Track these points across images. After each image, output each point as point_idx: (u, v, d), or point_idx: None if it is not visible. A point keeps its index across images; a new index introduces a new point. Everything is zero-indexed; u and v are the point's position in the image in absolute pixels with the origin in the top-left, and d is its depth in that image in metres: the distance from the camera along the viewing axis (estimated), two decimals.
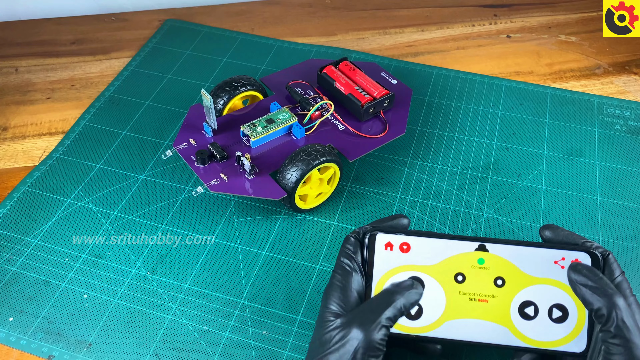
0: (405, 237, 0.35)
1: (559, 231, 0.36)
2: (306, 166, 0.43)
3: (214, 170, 0.45)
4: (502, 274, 0.35)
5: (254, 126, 0.46)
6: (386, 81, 0.53)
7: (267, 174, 0.45)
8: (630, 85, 0.60)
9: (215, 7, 0.72)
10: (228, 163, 0.45)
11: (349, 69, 0.52)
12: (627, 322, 0.29)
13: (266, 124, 0.47)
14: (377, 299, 0.32)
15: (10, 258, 0.45)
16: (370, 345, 0.31)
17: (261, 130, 0.46)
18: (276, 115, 0.47)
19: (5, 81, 0.62)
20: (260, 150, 0.46)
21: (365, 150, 0.47)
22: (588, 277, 0.31)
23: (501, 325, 0.34)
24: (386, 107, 0.50)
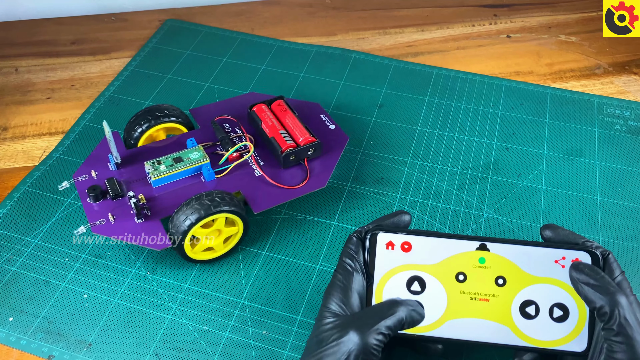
0: (406, 237, 0.35)
1: (559, 231, 0.36)
2: (205, 211, 0.39)
3: (105, 209, 0.42)
4: (503, 273, 0.35)
5: (158, 164, 0.43)
6: (323, 125, 0.49)
7: (158, 219, 0.41)
8: (630, 85, 0.60)
9: (215, 7, 0.72)
10: (122, 202, 0.42)
11: (281, 109, 0.49)
12: (629, 320, 0.29)
13: (172, 162, 0.43)
14: (381, 306, 0.33)
15: (10, 258, 0.45)
16: (365, 349, 0.31)
17: (164, 169, 0.43)
18: (186, 153, 0.44)
19: (5, 81, 0.62)
20: (163, 191, 0.43)
21: (275, 202, 0.43)
22: (590, 276, 0.31)
23: (502, 324, 0.34)
24: (311, 156, 0.46)
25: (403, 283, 0.35)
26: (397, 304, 0.32)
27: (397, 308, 0.32)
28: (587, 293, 0.31)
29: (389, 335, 0.31)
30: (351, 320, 0.32)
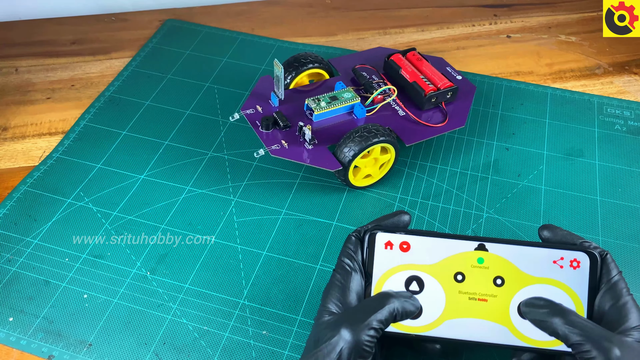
0: (405, 236, 0.35)
1: (557, 231, 0.36)
2: (365, 142, 0.45)
3: (275, 137, 0.47)
4: (501, 273, 0.35)
5: (318, 100, 0.48)
6: (451, 75, 0.54)
7: (326, 146, 0.46)
8: (630, 85, 0.60)
9: (215, 7, 0.72)
10: (290, 132, 0.47)
11: (416, 59, 0.53)
12: (582, 327, 0.30)
13: (330, 100, 0.48)
14: (371, 301, 0.32)
15: (10, 258, 0.45)
16: (357, 346, 0.30)
17: (325, 105, 0.48)
18: (340, 93, 0.49)
19: (5, 81, 0.62)
20: (321, 125, 0.48)
21: (423, 137, 0.48)
22: (535, 306, 0.32)
23: (500, 324, 0.34)
24: (448, 99, 0.51)
25: (401, 283, 0.35)
26: (387, 296, 0.32)
27: (388, 301, 0.32)
28: (542, 326, 0.32)
29: (381, 330, 0.31)
30: (342, 318, 0.32)
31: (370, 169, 0.48)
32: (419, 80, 0.50)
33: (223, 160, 0.52)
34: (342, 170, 0.46)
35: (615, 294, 0.32)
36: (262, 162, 0.52)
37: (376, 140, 0.45)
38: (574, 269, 0.34)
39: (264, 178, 0.51)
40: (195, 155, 0.53)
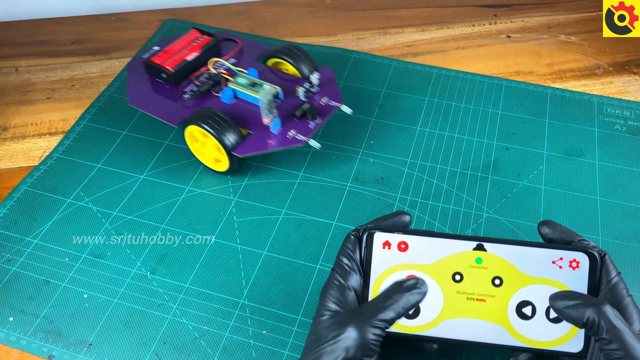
0: (403, 236, 0.35)
1: (556, 227, 0.36)
2: (192, 120, 0.47)
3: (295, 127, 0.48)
4: (500, 273, 0.35)
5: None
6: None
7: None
8: (630, 85, 0.60)
9: (215, 7, 0.72)
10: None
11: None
12: (617, 325, 0.30)
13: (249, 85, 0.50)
14: (377, 300, 0.33)
15: (10, 258, 0.45)
16: (364, 345, 0.31)
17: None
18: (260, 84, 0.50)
19: (5, 81, 0.62)
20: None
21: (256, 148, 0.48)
22: (568, 298, 0.31)
23: (498, 324, 0.34)
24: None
25: None
26: (392, 293, 0.32)
27: (394, 299, 0.32)
28: (571, 314, 0.31)
29: (387, 327, 0.32)
30: (349, 316, 0.32)
31: (209, 150, 0.49)
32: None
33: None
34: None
35: (616, 296, 0.32)
36: (262, 162, 0.52)
37: (198, 122, 0.46)
38: (573, 269, 0.34)
39: (264, 178, 0.51)
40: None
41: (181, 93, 0.51)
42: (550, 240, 0.36)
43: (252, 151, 0.46)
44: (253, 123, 0.48)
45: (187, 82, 0.52)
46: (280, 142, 0.47)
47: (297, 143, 0.47)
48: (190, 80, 0.52)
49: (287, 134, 0.48)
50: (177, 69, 0.51)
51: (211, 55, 0.54)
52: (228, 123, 0.46)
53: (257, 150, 0.47)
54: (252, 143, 0.47)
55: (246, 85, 0.49)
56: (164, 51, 0.53)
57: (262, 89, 0.49)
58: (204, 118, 0.46)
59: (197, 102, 0.50)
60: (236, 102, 0.50)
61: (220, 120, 0.46)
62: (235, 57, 0.55)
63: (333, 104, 0.50)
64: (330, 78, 0.52)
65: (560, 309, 0.32)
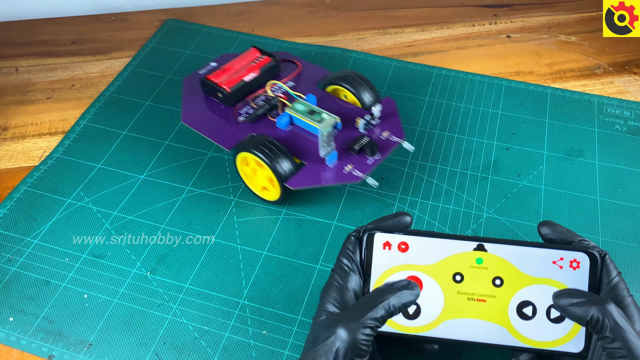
0: (403, 237, 0.35)
1: (556, 227, 0.36)
2: (245, 147, 0.45)
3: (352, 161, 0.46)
4: (500, 273, 0.35)
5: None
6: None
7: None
8: (630, 85, 0.60)
9: (215, 7, 0.72)
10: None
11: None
12: (620, 324, 0.30)
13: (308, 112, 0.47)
14: (366, 299, 0.32)
15: (10, 258, 0.45)
16: (354, 345, 0.30)
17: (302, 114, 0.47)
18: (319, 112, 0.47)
19: (5, 81, 0.62)
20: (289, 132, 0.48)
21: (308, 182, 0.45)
22: (572, 295, 0.31)
23: (499, 325, 0.34)
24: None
25: None
26: (382, 293, 0.32)
27: (382, 298, 0.31)
28: (575, 312, 0.31)
29: (377, 327, 0.31)
30: (338, 317, 0.32)
31: (258, 179, 0.47)
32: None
33: (223, 160, 0.52)
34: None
35: (617, 296, 0.32)
36: None
37: (252, 150, 0.44)
38: (573, 269, 0.34)
39: None
40: (195, 155, 0.53)
41: (236, 115, 0.49)
42: (550, 241, 0.36)
43: (306, 184, 0.44)
44: (308, 153, 0.46)
45: (243, 104, 0.50)
46: (335, 177, 0.44)
47: (353, 179, 0.44)
48: (247, 102, 0.50)
49: (343, 168, 0.45)
50: (234, 89, 0.49)
51: (269, 77, 0.52)
52: (284, 153, 0.44)
53: (311, 184, 0.44)
54: (306, 175, 0.44)
55: (304, 113, 0.46)
56: (221, 69, 0.51)
57: (321, 118, 0.46)
58: (259, 146, 0.44)
59: (252, 125, 0.48)
60: (292, 129, 0.48)
61: (276, 150, 0.44)
62: (294, 80, 0.53)
63: (394, 139, 0.47)
64: (392, 110, 0.49)
65: (564, 307, 0.31)
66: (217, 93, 0.50)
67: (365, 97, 0.50)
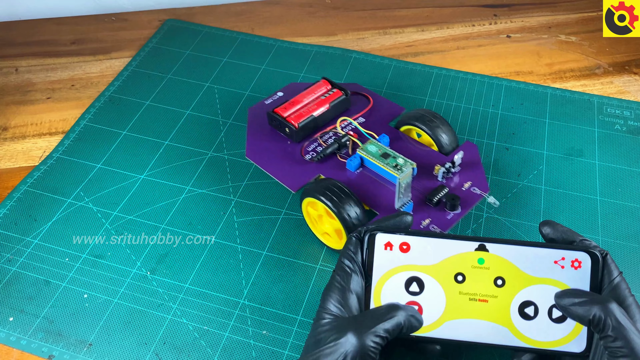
0: (405, 237, 0.35)
1: (557, 227, 0.36)
2: (316, 192, 0.41)
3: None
4: (502, 273, 0.35)
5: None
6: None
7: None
8: (630, 85, 0.60)
9: (215, 7, 0.72)
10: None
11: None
12: (623, 323, 0.30)
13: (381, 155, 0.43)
14: (380, 309, 0.32)
15: (10, 258, 0.45)
16: (362, 351, 0.30)
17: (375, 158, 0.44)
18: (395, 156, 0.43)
19: (5, 81, 0.62)
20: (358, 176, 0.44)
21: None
22: (574, 295, 0.32)
23: (501, 325, 0.34)
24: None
25: (401, 284, 0.35)
26: (396, 308, 0.32)
27: (396, 312, 0.32)
28: (577, 312, 0.31)
29: (387, 339, 0.31)
30: (350, 322, 0.32)
31: (323, 225, 0.44)
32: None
33: (223, 160, 0.52)
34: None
35: (619, 296, 0.32)
36: None
37: (320, 198, 0.40)
38: (575, 269, 0.34)
39: (264, 178, 0.50)
40: (195, 155, 0.53)
41: (303, 153, 0.46)
42: (552, 240, 0.36)
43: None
44: (380, 202, 0.42)
45: (311, 141, 0.47)
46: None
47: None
48: (315, 139, 0.47)
49: (420, 223, 0.41)
50: (302, 124, 0.46)
51: (339, 112, 0.48)
52: (356, 202, 0.40)
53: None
54: None
55: (377, 155, 0.43)
56: (289, 102, 0.48)
57: (397, 163, 0.42)
58: (329, 193, 0.40)
59: (319, 165, 0.45)
60: (362, 171, 0.44)
61: (347, 199, 0.40)
62: (364, 116, 0.49)
63: (477, 192, 0.42)
64: (475, 159, 0.44)
65: (566, 307, 0.31)
66: (285, 128, 0.47)
67: (443, 139, 0.45)
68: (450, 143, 0.46)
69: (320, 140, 0.46)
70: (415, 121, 0.46)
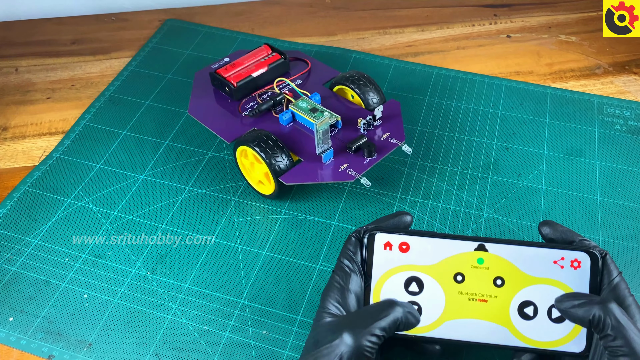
0: (404, 237, 0.35)
1: (557, 227, 0.36)
2: (245, 139, 0.45)
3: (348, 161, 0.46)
4: (501, 273, 0.35)
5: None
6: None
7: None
8: (630, 85, 0.60)
9: (215, 7, 0.72)
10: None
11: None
12: (622, 322, 0.30)
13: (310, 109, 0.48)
14: (375, 307, 0.32)
15: (10, 258, 0.45)
16: (358, 351, 0.30)
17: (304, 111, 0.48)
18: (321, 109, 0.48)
19: (5, 81, 0.62)
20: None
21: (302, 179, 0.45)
22: (574, 298, 0.32)
23: (500, 325, 0.34)
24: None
25: (401, 284, 0.35)
26: (392, 304, 0.32)
27: (392, 309, 0.32)
28: (577, 314, 0.31)
29: (383, 337, 0.31)
30: (345, 322, 0.32)
31: (255, 172, 0.47)
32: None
33: (223, 160, 0.52)
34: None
35: (618, 296, 0.32)
36: None
37: (250, 144, 0.44)
38: (574, 269, 0.34)
39: None
40: (195, 155, 0.53)
41: (241, 109, 0.50)
42: (551, 240, 0.36)
43: (299, 181, 0.44)
44: (306, 150, 0.46)
45: (250, 99, 0.51)
46: (329, 175, 0.45)
47: (347, 179, 0.44)
48: (253, 97, 0.51)
49: (338, 167, 0.45)
50: (240, 84, 0.50)
51: (278, 74, 0.52)
52: (281, 149, 0.44)
53: (305, 180, 0.44)
54: (300, 172, 0.45)
55: (306, 110, 0.47)
56: (231, 64, 0.52)
57: (321, 115, 0.46)
58: (258, 141, 0.44)
59: (255, 120, 0.49)
60: (294, 125, 0.48)
61: (273, 145, 0.44)
62: (302, 78, 0.53)
63: (393, 142, 0.47)
64: (396, 112, 0.49)
65: (566, 310, 0.32)
66: (225, 87, 0.51)
67: (370, 98, 0.50)
68: (377, 101, 0.50)
69: (258, 98, 0.51)
70: (345, 81, 0.51)
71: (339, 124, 0.48)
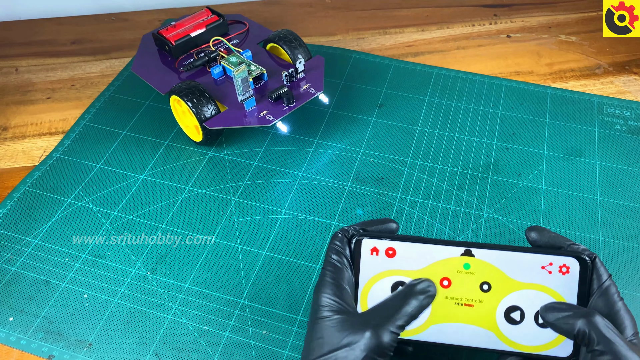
0: (391, 242, 0.35)
1: (544, 233, 0.36)
2: (179, 90, 0.50)
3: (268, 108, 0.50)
4: (488, 279, 0.34)
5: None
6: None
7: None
8: (630, 85, 0.60)
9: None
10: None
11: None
12: (608, 336, 0.30)
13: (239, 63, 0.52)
14: (391, 302, 0.32)
15: (10, 258, 0.45)
16: (380, 350, 0.30)
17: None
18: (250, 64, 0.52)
19: (5, 81, 0.62)
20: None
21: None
22: (558, 310, 0.32)
23: (487, 329, 0.34)
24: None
25: (388, 288, 0.35)
26: (407, 296, 0.32)
27: (408, 301, 0.32)
28: (563, 326, 0.31)
29: (401, 331, 0.31)
30: (363, 320, 0.31)
31: (187, 119, 0.52)
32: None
33: (223, 160, 0.52)
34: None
35: (608, 301, 0.32)
36: (262, 162, 0.52)
37: (180, 94, 0.49)
38: (562, 274, 0.34)
39: (264, 178, 0.51)
40: (195, 155, 0.53)
41: (178, 65, 0.55)
42: (539, 247, 0.36)
43: (221, 125, 0.48)
44: (231, 99, 0.51)
45: (188, 56, 0.55)
46: (249, 120, 0.49)
47: (265, 123, 0.48)
48: (191, 55, 0.55)
49: (259, 114, 0.49)
50: (178, 42, 0.55)
51: (216, 34, 0.57)
52: (207, 98, 0.49)
53: (225, 124, 0.48)
54: (223, 118, 0.49)
55: (235, 64, 0.51)
56: (172, 26, 0.56)
57: (249, 69, 0.51)
58: (185, 91, 0.49)
59: (192, 75, 0.54)
60: (225, 78, 0.53)
61: (199, 95, 0.49)
62: (239, 38, 0.58)
63: (312, 92, 0.51)
64: (319, 68, 0.54)
65: (552, 322, 0.32)
66: (165, 46, 0.55)
67: (297, 54, 0.54)
68: (302, 57, 0.54)
69: (196, 56, 0.55)
70: (275, 38, 0.55)
71: (265, 77, 0.52)
